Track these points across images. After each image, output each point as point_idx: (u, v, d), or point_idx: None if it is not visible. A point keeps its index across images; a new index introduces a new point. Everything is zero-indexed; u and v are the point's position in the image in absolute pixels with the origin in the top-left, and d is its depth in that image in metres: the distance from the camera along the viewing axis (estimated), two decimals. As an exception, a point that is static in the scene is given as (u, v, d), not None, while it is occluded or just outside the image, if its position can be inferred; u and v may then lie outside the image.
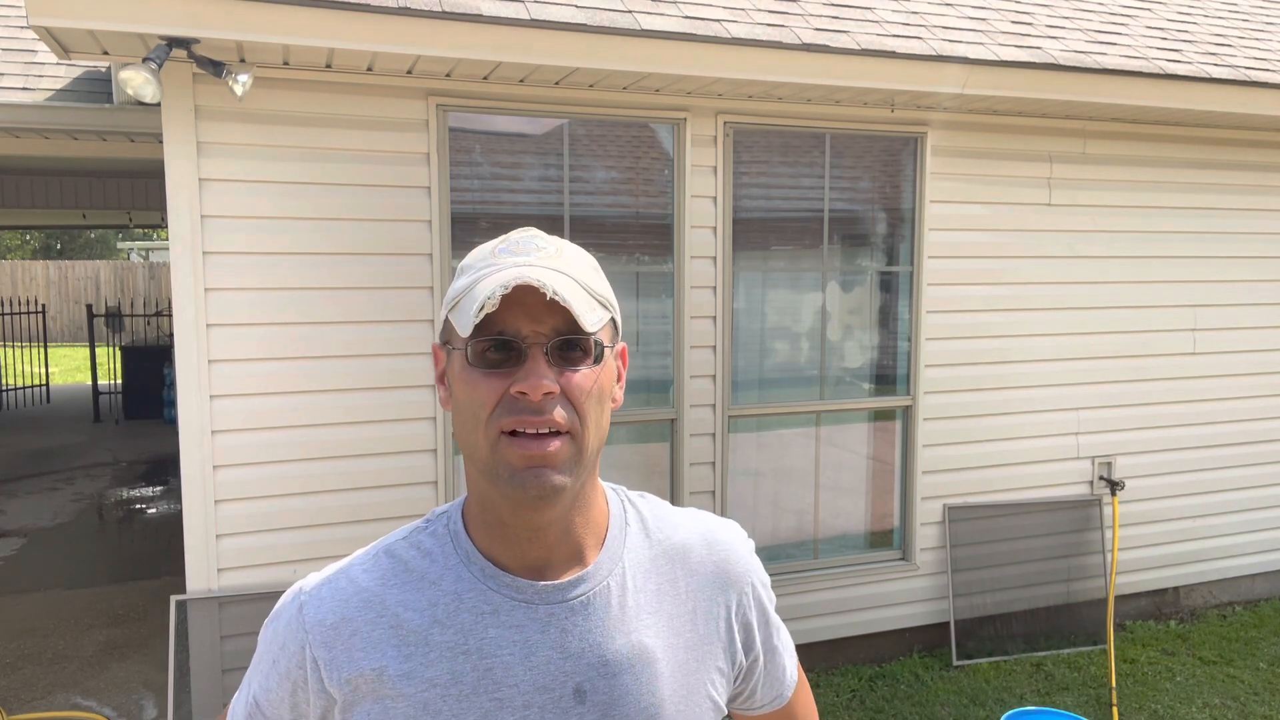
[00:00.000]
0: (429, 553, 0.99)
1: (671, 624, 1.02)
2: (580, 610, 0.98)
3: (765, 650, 1.12)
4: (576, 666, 0.96)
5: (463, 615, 0.96)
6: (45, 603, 5.43)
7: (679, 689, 1.01)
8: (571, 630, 0.97)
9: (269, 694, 1.01)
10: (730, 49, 3.60)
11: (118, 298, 20.49)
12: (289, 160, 3.56)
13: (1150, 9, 5.13)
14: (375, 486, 3.76)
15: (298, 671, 0.98)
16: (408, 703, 0.94)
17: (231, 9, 3.02)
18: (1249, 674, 4.56)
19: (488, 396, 0.91)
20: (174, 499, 7.70)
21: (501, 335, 0.91)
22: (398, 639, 0.96)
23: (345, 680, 0.96)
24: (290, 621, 0.99)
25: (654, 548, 1.05)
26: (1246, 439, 5.30)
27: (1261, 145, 5.11)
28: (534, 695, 0.95)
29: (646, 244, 4.12)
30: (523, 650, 0.96)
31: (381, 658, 0.95)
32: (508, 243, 0.98)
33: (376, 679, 0.95)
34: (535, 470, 0.90)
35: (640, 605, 1.01)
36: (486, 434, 0.92)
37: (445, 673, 0.95)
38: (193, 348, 3.48)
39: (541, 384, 0.89)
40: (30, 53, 5.01)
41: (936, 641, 4.77)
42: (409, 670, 0.95)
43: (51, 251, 30.24)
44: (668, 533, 1.06)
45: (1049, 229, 4.73)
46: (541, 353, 0.91)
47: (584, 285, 0.94)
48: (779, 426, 4.44)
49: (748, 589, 1.08)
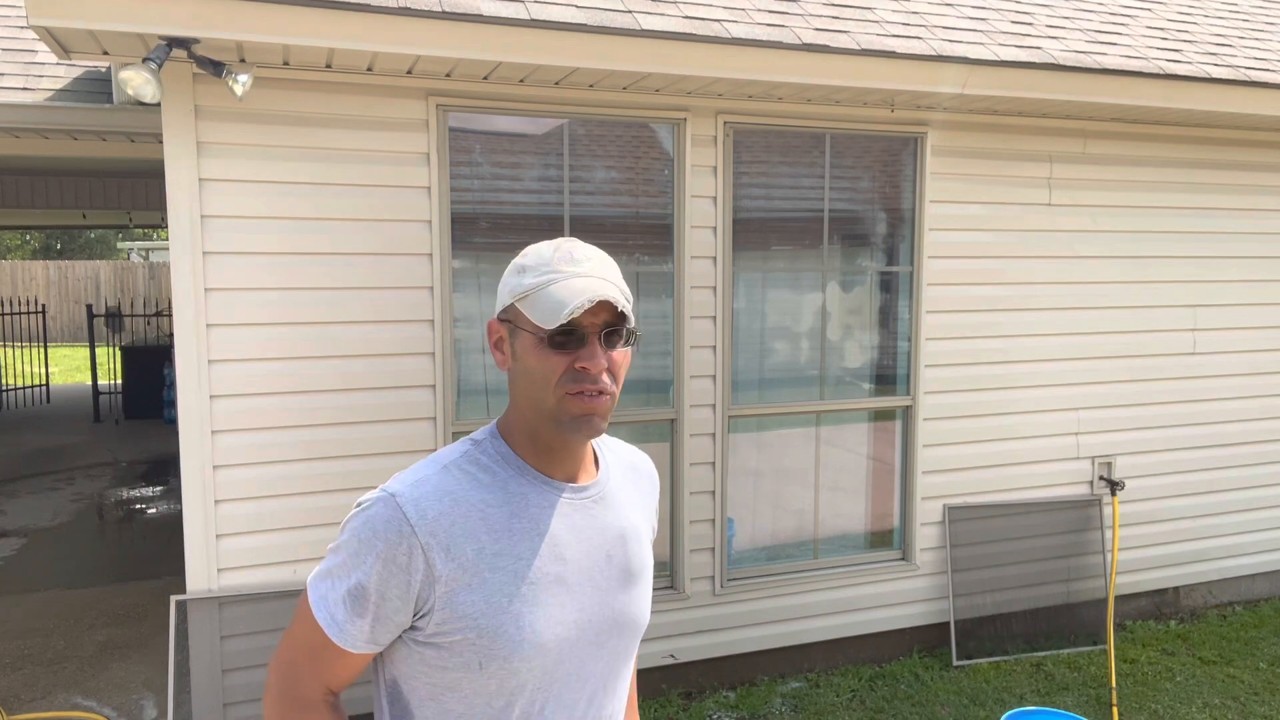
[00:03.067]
0: (488, 468, 1.33)
1: (642, 511, 1.49)
2: (600, 502, 1.39)
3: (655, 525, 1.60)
4: (605, 539, 1.38)
5: (531, 509, 1.32)
6: (45, 603, 5.43)
7: (650, 551, 1.48)
8: (599, 516, 1.38)
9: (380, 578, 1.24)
10: (730, 49, 3.60)
11: (118, 298, 20.49)
12: (289, 160, 3.56)
13: (1150, 9, 5.13)
14: (375, 486, 3.76)
15: (404, 557, 1.23)
16: (502, 573, 1.27)
17: (231, 9, 3.01)
18: (1249, 674, 4.56)
19: (558, 367, 1.27)
20: (174, 499, 7.70)
21: (570, 325, 1.25)
22: (487, 526, 1.28)
23: (451, 559, 1.24)
24: (390, 518, 1.25)
25: (620, 463, 1.49)
26: (1246, 439, 5.30)
27: (1261, 145, 5.11)
28: (583, 560, 1.34)
29: (646, 244, 4.12)
30: (573, 531, 1.34)
31: (478, 540, 1.27)
32: (560, 251, 1.30)
33: (476, 556, 1.26)
34: (588, 418, 1.28)
35: (628, 499, 1.46)
36: (555, 393, 1.27)
37: (529, 549, 1.30)
38: (193, 348, 3.48)
39: (600, 363, 1.26)
40: (30, 53, 5.01)
41: (936, 641, 4.77)
42: (501, 549, 1.28)
43: (51, 251, 30.23)
44: (620, 452, 1.53)
45: (1049, 229, 4.73)
46: (597, 339, 1.27)
47: (620, 289, 1.30)
48: (779, 426, 4.44)
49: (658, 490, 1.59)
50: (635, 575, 1.41)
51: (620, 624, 1.39)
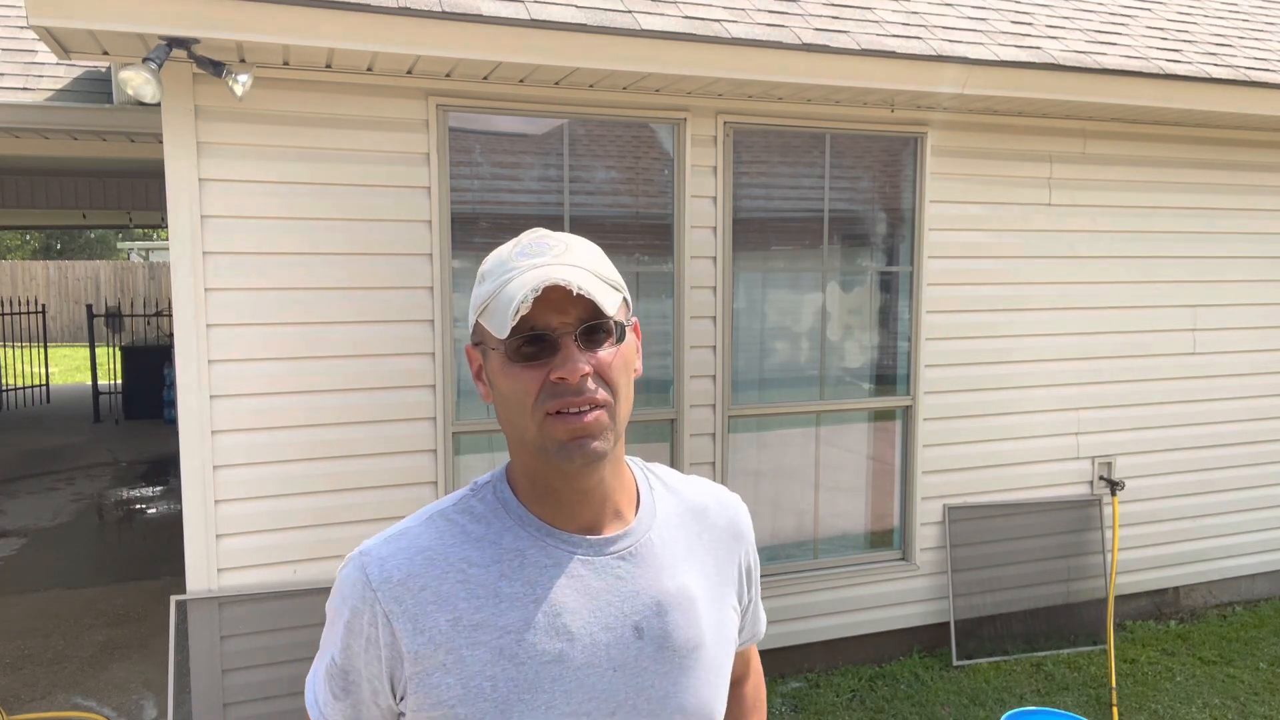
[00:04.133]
0: (482, 517, 1.09)
1: (701, 569, 1.16)
2: (630, 559, 1.10)
3: (755, 596, 1.29)
4: (633, 607, 1.08)
5: (527, 569, 1.06)
6: (45, 603, 5.43)
7: (713, 623, 1.14)
8: (626, 577, 1.09)
9: (347, 652, 1.07)
10: (730, 49, 3.60)
11: (118, 298, 20.49)
12: (289, 160, 3.56)
13: (1150, 9, 5.13)
14: (375, 486, 3.76)
15: (370, 629, 1.04)
16: (484, 650, 1.03)
17: (231, 9, 3.01)
18: (1249, 674, 4.56)
19: (530, 385, 1.02)
20: (174, 499, 7.70)
21: (534, 331, 1.01)
22: (467, 591, 1.04)
23: (420, 632, 1.03)
24: (355, 582, 1.05)
25: (678, 505, 1.18)
26: (1246, 439, 5.30)
27: (1261, 145, 5.11)
28: (599, 634, 1.06)
29: (646, 244, 4.12)
30: (585, 596, 1.06)
31: (454, 609, 1.03)
32: (520, 246, 1.07)
33: (451, 629, 1.03)
34: (579, 442, 1.02)
35: (676, 554, 1.14)
36: (534, 417, 1.02)
37: (517, 620, 1.04)
38: (193, 348, 3.48)
39: (578, 368, 1.00)
40: (30, 53, 5.01)
41: (936, 641, 4.77)
42: (481, 620, 1.03)
43: (51, 251, 30.23)
44: (685, 493, 1.21)
45: (1049, 229, 4.73)
46: (572, 341, 1.01)
47: (597, 274, 1.04)
48: (779, 426, 4.44)
49: (749, 543, 1.25)
50: (682, 654, 1.10)
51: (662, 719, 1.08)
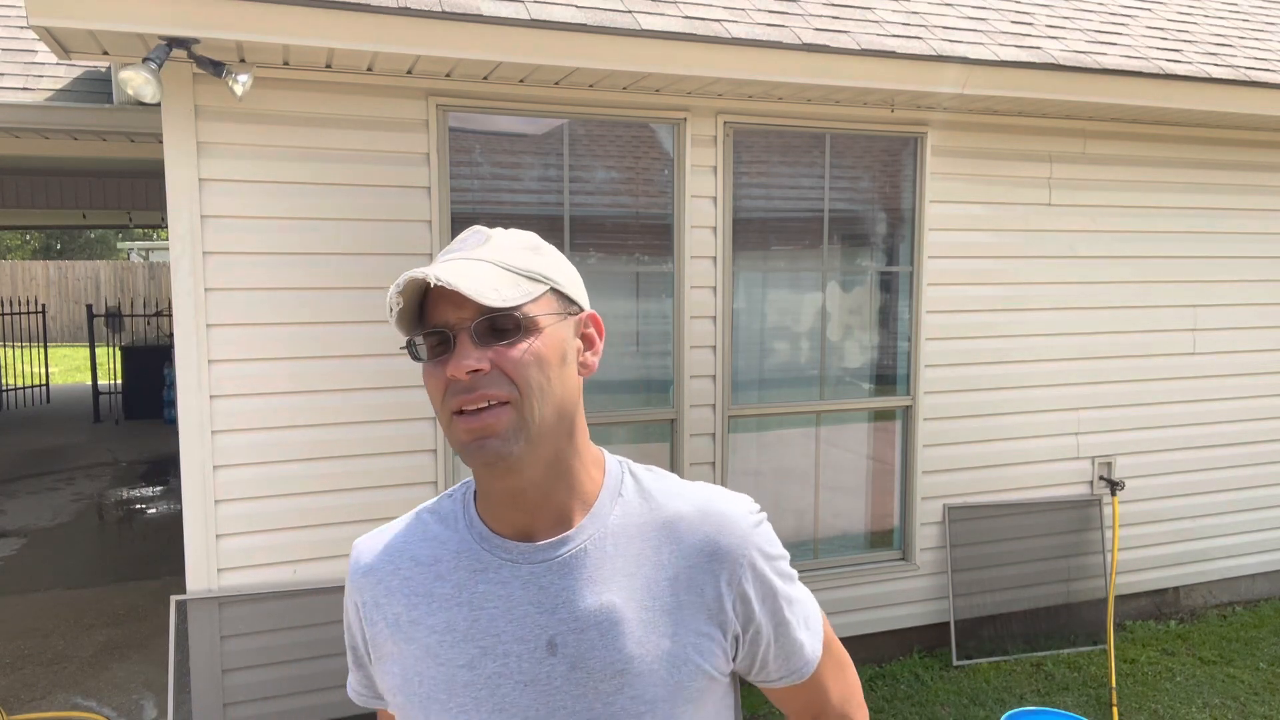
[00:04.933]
0: (445, 516, 1.12)
1: (648, 587, 1.05)
2: (558, 570, 1.04)
3: (772, 623, 1.10)
4: (550, 621, 1.03)
5: (460, 572, 1.06)
6: (45, 603, 5.43)
7: (650, 649, 1.03)
8: (549, 588, 1.04)
9: (349, 630, 1.17)
10: (730, 49, 3.60)
11: (118, 298, 20.49)
12: (289, 160, 3.56)
13: (1150, 9, 5.13)
14: (375, 486, 3.76)
15: (353, 610, 1.14)
16: (416, 646, 1.06)
17: (231, 9, 3.01)
18: (1249, 674, 4.56)
19: (438, 384, 1.00)
20: (174, 499, 7.70)
21: (433, 328, 0.99)
22: (408, 589, 1.08)
23: (372, 623, 1.10)
24: (348, 569, 1.15)
25: (647, 515, 1.08)
26: (1246, 439, 5.29)
27: (1261, 145, 5.11)
28: (513, 645, 1.03)
29: (646, 244, 4.12)
30: (505, 604, 1.04)
31: (395, 605, 1.08)
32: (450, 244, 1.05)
33: (394, 624, 1.08)
34: (479, 442, 0.98)
35: (616, 568, 1.05)
36: (444, 417, 1.00)
37: (443, 621, 1.05)
38: (193, 348, 3.48)
39: (462, 364, 0.96)
40: (30, 53, 5.01)
41: (936, 641, 4.77)
42: (416, 618, 1.07)
43: (51, 251, 30.23)
44: (663, 502, 1.09)
45: (1049, 229, 4.73)
46: (467, 336, 0.97)
47: (504, 265, 1.01)
48: (779, 426, 4.44)
49: (744, 560, 1.07)
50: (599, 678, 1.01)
51: None
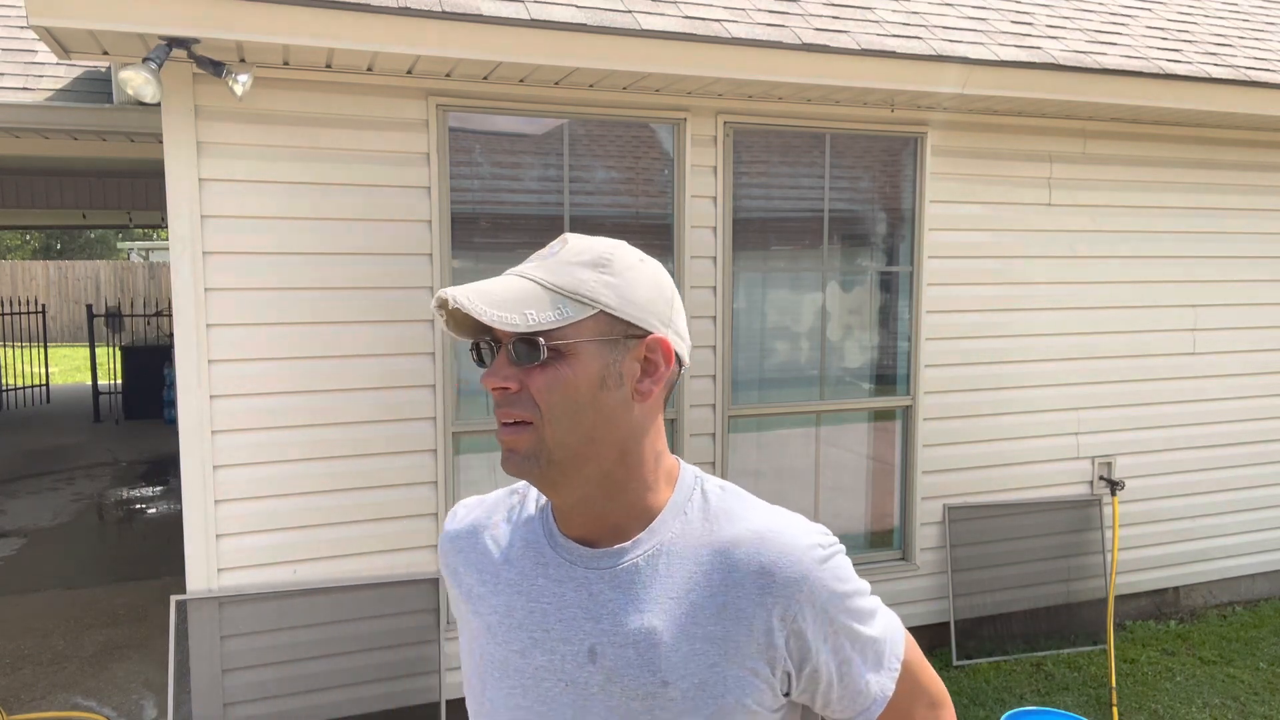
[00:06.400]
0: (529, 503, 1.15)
1: (693, 613, 1.01)
2: (610, 580, 1.04)
3: (835, 662, 1.05)
4: (594, 629, 1.03)
5: (525, 561, 1.09)
6: (45, 603, 5.42)
7: (687, 678, 1.00)
8: (598, 596, 1.04)
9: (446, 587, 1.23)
10: (730, 49, 3.60)
11: (118, 298, 20.48)
12: (289, 160, 3.56)
13: (1150, 9, 5.13)
14: (375, 486, 3.76)
15: (446, 571, 1.18)
16: (480, 621, 1.10)
17: (231, 9, 3.01)
18: (1249, 674, 4.56)
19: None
20: (174, 499, 7.70)
21: (479, 339, 1.02)
22: (482, 564, 1.13)
23: (455, 584, 1.15)
24: (444, 527, 1.20)
25: (705, 537, 1.04)
26: (1246, 439, 5.29)
27: (1261, 145, 5.11)
28: (559, 644, 1.04)
29: (646, 244, 4.12)
30: (558, 603, 1.05)
31: (470, 576, 1.13)
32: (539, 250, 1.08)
33: (468, 594, 1.13)
34: (507, 454, 1.01)
35: (665, 589, 1.03)
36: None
37: (504, 604, 1.08)
38: (193, 348, 3.48)
39: (492, 380, 0.99)
40: (30, 53, 5.00)
41: (936, 641, 4.77)
42: (483, 594, 1.11)
43: (51, 251, 30.23)
44: (724, 524, 1.05)
45: (1049, 229, 4.73)
46: (505, 351, 0.99)
47: (550, 284, 0.99)
48: (779, 426, 4.44)
49: (800, 596, 1.01)
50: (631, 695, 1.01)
51: None
